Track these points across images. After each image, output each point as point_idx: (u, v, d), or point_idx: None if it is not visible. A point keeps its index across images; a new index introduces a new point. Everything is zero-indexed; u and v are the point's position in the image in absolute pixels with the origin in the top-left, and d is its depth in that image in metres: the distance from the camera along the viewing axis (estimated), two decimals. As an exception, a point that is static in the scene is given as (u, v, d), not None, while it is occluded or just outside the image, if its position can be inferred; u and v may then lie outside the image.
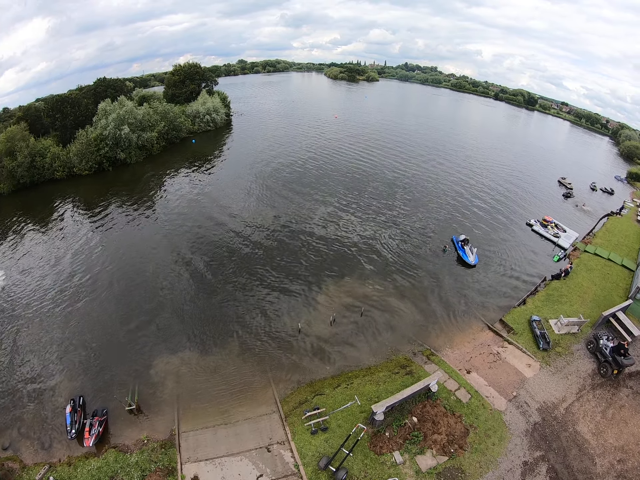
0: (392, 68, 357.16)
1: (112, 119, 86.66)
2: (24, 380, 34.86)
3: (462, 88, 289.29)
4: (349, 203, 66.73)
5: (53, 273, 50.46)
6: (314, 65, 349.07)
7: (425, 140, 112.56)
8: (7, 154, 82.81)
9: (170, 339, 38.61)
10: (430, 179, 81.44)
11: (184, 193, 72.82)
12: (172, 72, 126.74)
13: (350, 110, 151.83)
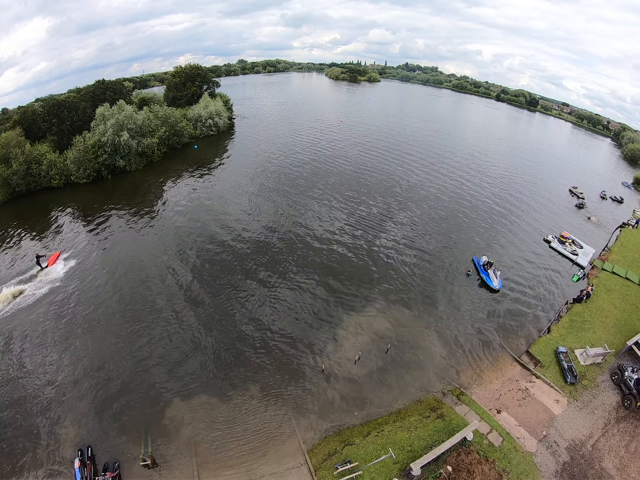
0: (393, 68, 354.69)
1: (111, 125, 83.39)
2: (23, 431, 32.34)
3: (463, 89, 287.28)
4: (360, 220, 63.81)
5: (45, 301, 46.80)
6: (315, 65, 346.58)
7: (433, 146, 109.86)
8: (2, 161, 79.91)
9: (184, 382, 35.84)
10: (442, 190, 78.38)
11: (186, 203, 70.16)
12: (172, 74, 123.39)
13: (354, 113, 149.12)
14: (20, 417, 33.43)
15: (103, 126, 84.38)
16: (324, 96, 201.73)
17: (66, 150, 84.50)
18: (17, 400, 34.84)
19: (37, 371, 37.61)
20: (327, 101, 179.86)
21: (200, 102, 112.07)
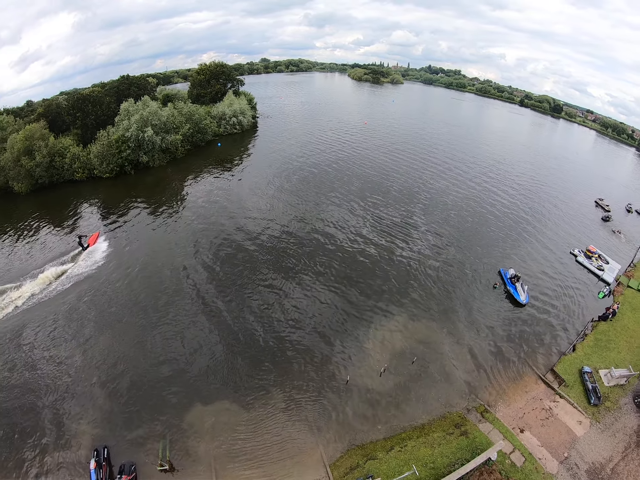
0: (416, 70, 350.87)
1: (135, 120, 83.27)
2: (41, 424, 32.28)
3: (487, 93, 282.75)
4: (383, 226, 62.05)
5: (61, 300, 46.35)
6: (337, 66, 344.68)
7: (457, 151, 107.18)
8: (26, 152, 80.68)
9: (205, 387, 34.97)
10: (466, 197, 76.01)
11: (206, 201, 69.56)
12: (197, 71, 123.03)
13: (378, 115, 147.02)
14: (37, 410, 33.43)
15: (127, 121, 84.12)
16: (347, 97, 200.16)
17: (90, 144, 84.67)
18: (35, 391, 34.98)
19: (57, 364, 37.74)
20: (350, 102, 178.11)
21: (225, 100, 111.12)
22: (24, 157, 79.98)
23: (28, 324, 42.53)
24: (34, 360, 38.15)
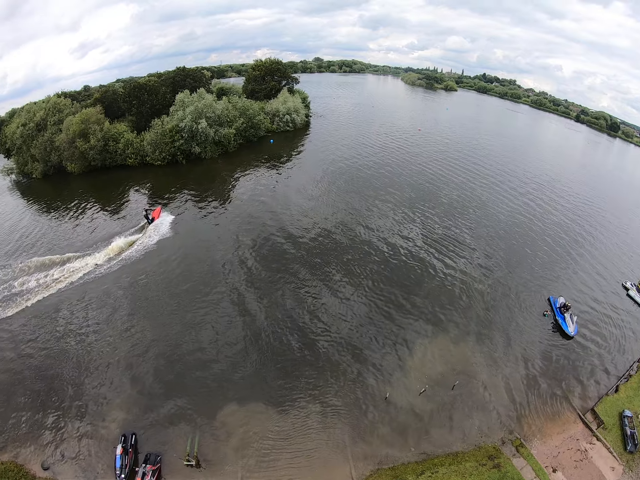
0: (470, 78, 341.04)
1: (190, 112, 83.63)
2: (74, 398, 33.70)
3: (542, 106, 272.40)
4: (432, 238, 58.65)
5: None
6: (390, 69, 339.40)
7: (512, 165, 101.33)
8: (81, 135, 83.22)
9: (242, 387, 34.34)
10: (519, 215, 70.81)
11: (255, 196, 69.28)
12: (252, 67, 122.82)
13: (431, 122, 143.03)
14: (72, 383, 35.08)
15: (182, 112, 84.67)
16: (400, 101, 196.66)
17: (144, 131, 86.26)
18: (75, 364, 36.89)
19: (96, 340, 39.53)
20: (404, 107, 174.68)
21: (279, 97, 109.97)
22: (79, 139, 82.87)
23: (85, 295, 45.87)
24: (81, 332, 40.55)
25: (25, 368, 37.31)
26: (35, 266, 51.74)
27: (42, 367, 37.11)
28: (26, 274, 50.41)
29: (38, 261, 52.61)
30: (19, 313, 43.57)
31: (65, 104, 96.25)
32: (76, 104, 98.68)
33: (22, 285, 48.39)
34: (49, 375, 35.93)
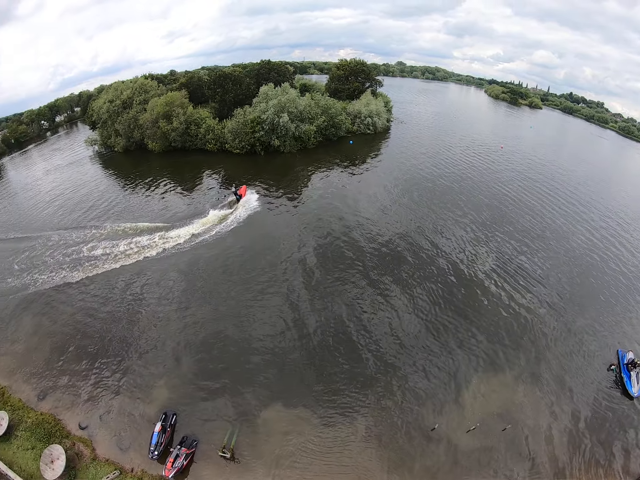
0: (556, 96, 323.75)
1: (273, 105, 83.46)
2: (123, 367, 35.14)
3: (630, 134, 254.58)
4: (505, 266, 52.50)
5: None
6: (474, 79, 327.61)
7: (596, 198, 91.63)
8: (165, 116, 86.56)
9: (292, 390, 33.21)
10: (601, 252, 62.04)
11: (327, 196, 67.53)
12: (337, 66, 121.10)
13: (513, 140, 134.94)
14: (122, 353, 36.69)
15: (265, 104, 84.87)
16: (482, 114, 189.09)
17: (225, 119, 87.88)
18: (129, 335, 38.78)
19: (155, 313, 41.74)
20: (486, 121, 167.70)
21: (362, 99, 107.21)
22: (162, 120, 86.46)
23: (143, 270, 48.66)
24: (143, 303, 43.36)
25: (85, 327, 40.09)
26: (122, 232, 56.62)
27: (101, 330, 39.53)
28: (110, 239, 55.22)
29: (124, 227, 57.68)
30: (94, 276, 47.59)
31: (152, 86, 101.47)
32: (162, 87, 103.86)
33: (107, 248, 53.14)
34: (104, 340, 38.18)
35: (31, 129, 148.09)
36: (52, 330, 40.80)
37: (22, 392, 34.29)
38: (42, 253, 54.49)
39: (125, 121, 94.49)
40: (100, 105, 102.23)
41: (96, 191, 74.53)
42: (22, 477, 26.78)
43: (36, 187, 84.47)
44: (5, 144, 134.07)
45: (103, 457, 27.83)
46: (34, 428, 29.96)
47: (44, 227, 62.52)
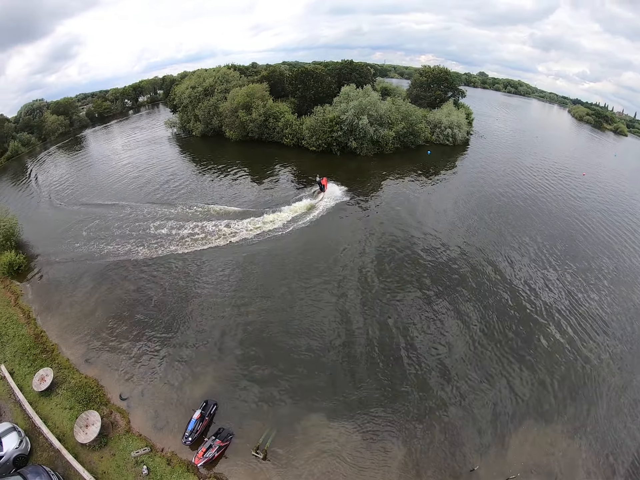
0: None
1: (353, 106, 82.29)
2: (175, 346, 35.86)
3: None
4: (573, 310, 46.41)
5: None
6: (557, 97, 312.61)
7: None
8: (244, 107, 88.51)
9: (335, 400, 31.68)
10: None
11: (398, 205, 65.37)
12: (420, 72, 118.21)
13: (596, 168, 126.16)
14: (177, 332, 37.53)
15: (345, 104, 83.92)
16: (564, 136, 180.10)
17: (304, 116, 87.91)
18: (189, 316, 39.69)
19: (215, 299, 42.37)
20: (568, 143, 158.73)
21: (443, 108, 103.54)
22: (242, 110, 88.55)
23: (205, 256, 49.87)
24: (208, 286, 44.44)
25: (139, 303, 41.64)
26: (191, 214, 58.77)
27: (155, 307, 40.83)
28: (177, 219, 57.44)
29: (195, 210, 60.01)
30: (157, 255, 49.76)
31: (234, 76, 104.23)
32: (243, 77, 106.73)
33: (174, 229, 55.03)
34: (157, 318, 39.31)
35: (115, 106, 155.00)
36: (109, 300, 42.36)
37: (71, 353, 35.68)
38: (111, 224, 57.25)
39: (206, 108, 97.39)
40: (182, 90, 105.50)
41: (171, 170, 78.60)
42: (54, 433, 27.76)
43: (114, 160, 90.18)
44: (89, 117, 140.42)
45: (137, 431, 28.16)
46: (76, 390, 31.06)
47: (117, 197, 66.53)
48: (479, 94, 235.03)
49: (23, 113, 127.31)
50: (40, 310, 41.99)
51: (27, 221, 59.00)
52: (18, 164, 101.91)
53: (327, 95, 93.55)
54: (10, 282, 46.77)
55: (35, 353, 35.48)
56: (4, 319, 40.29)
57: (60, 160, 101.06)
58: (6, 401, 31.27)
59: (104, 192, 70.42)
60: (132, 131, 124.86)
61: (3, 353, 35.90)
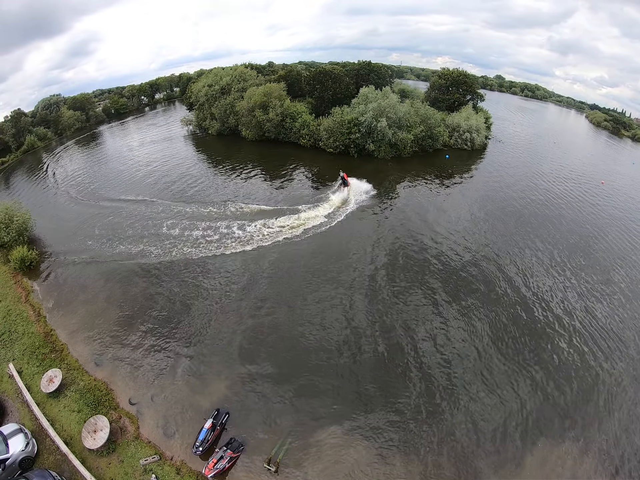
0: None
1: (372, 108, 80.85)
2: (189, 351, 34.93)
3: None
4: (587, 327, 43.49)
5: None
6: (574, 102, 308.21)
7: None
8: (261, 106, 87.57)
9: (352, 415, 30.07)
10: None
11: (406, 209, 64.09)
12: (439, 75, 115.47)
13: (614, 175, 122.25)
14: (186, 341, 36.02)
15: (364, 106, 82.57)
16: (581, 142, 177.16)
17: (321, 116, 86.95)
18: (199, 325, 37.99)
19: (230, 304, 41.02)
20: (585, 150, 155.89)
21: (462, 112, 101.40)
22: (259, 110, 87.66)
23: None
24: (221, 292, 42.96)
25: (154, 305, 40.65)
26: (207, 214, 58.19)
27: (169, 310, 39.77)
28: (191, 219, 56.78)
29: (210, 210, 59.51)
30: (171, 256, 49.00)
31: (251, 75, 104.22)
32: (260, 76, 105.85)
33: (186, 229, 54.06)
34: (171, 321, 38.32)
35: (131, 102, 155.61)
36: (120, 300, 41.56)
37: (80, 354, 34.94)
38: (124, 221, 57.10)
39: (222, 106, 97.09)
40: (199, 88, 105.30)
41: (185, 168, 79.53)
42: (61, 436, 27.07)
43: (130, 157, 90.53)
44: (105, 113, 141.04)
45: (146, 438, 27.46)
46: (85, 392, 30.41)
47: (134, 193, 66.85)
48: (496, 97, 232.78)
49: (40, 108, 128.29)
50: (51, 307, 41.41)
51: (40, 216, 58.79)
52: (34, 158, 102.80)
53: (345, 96, 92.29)
54: (21, 277, 46.39)
55: (44, 352, 34.89)
56: (14, 315, 39.81)
57: (75, 155, 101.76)
58: (14, 400, 30.80)
59: (119, 187, 70.75)
60: (148, 128, 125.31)
61: (12, 350, 35.45)
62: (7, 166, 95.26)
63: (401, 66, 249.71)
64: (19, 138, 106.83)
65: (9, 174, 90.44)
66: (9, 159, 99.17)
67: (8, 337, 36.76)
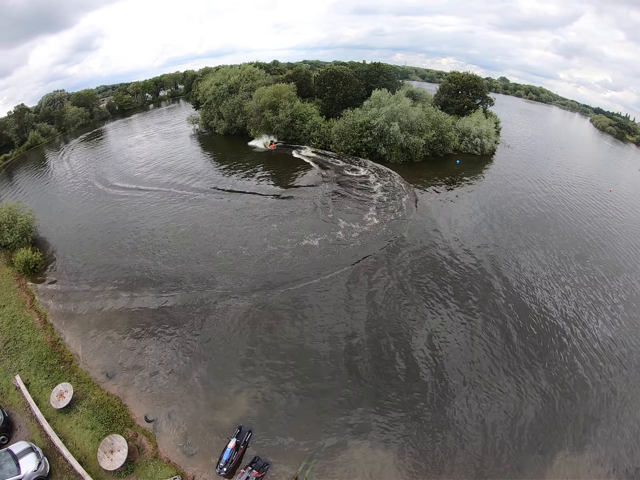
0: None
1: (385, 112, 79.60)
2: (208, 371, 32.99)
3: None
4: (594, 341, 41.01)
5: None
6: (578, 105, 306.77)
7: None
8: (270, 107, 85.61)
9: (379, 437, 28.46)
10: None
11: (424, 215, 63.01)
12: (449, 78, 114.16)
13: (621, 182, 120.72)
14: (205, 356, 34.19)
15: (376, 109, 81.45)
16: (587, 147, 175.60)
17: (331, 118, 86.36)
18: (219, 341, 35.91)
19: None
20: (590, 155, 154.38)
21: (472, 117, 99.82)
22: (268, 110, 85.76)
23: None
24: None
25: (170, 317, 38.68)
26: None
27: (188, 323, 37.86)
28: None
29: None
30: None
31: (260, 74, 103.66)
32: (269, 76, 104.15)
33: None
34: (189, 334, 36.48)
35: (135, 99, 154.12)
36: (130, 307, 40.05)
37: (90, 366, 33.22)
38: (130, 218, 57.36)
39: (230, 106, 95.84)
40: (206, 87, 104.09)
41: (190, 161, 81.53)
42: (75, 455, 25.38)
43: (134, 152, 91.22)
44: (109, 110, 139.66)
45: (165, 457, 25.98)
46: (97, 408, 28.84)
47: (142, 188, 68.03)
48: (500, 99, 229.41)
49: (44, 103, 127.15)
50: (57, 314, 39.56)
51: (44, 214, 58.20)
52: (37, 154, 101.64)
53: (355, 98, 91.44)
54: (25, 281, 44.63)
55: (52, 363, 33.12)
56: (19, 322, 37.94)
57: (79, 151, 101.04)
58: (22, 414, 29.11)
59: (128, 179, 72.31)
60: (152, 125, 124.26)
61: (18, 360, 33.61)
62: (10, 162, 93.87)
63: (405, 67, 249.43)
64: (22, 134, 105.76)
65: (12, 170, 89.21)
66: (12, 154, 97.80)
67: (13, 346, 34.89)
